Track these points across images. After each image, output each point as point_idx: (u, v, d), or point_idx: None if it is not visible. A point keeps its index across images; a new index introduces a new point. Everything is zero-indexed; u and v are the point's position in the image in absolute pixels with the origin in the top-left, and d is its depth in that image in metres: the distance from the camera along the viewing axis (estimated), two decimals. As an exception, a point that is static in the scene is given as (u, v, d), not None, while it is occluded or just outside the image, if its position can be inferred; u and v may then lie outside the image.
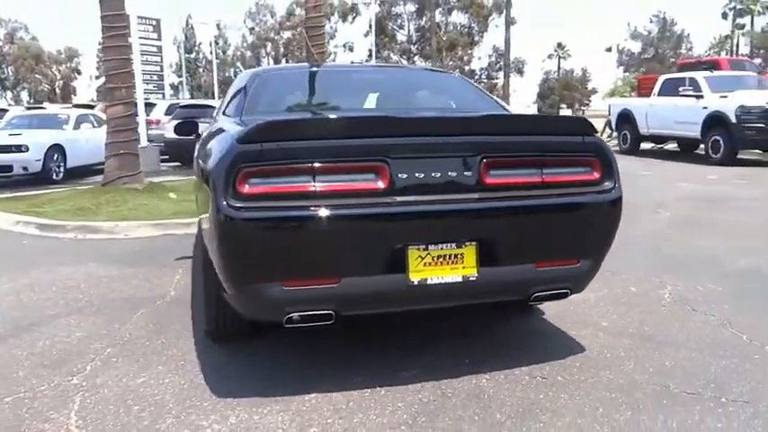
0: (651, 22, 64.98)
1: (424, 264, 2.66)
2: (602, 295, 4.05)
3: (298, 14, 62.66)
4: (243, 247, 2.56)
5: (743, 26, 62.45)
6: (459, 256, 2.69)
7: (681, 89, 14.50)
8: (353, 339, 3.37)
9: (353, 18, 61.32)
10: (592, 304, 3.90)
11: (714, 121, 13.35)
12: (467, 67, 59.05)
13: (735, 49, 59.56)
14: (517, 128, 3.04)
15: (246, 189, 2.52)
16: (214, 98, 39.91)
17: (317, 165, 2.57)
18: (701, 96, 14.02)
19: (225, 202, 2.50)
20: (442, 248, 2.68)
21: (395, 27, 62.35)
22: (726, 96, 13.51)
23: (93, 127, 13.50)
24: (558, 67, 66.93)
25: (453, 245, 2.69)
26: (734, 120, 12.89)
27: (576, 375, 2.90)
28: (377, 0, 50.72)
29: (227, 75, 64.38)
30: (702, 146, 13.99)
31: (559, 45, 66.67)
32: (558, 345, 3.30)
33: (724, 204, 7.76)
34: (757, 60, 31.20)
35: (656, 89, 16.09)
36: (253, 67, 66.57)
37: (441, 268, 2.68)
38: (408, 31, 62.59)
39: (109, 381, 2.94)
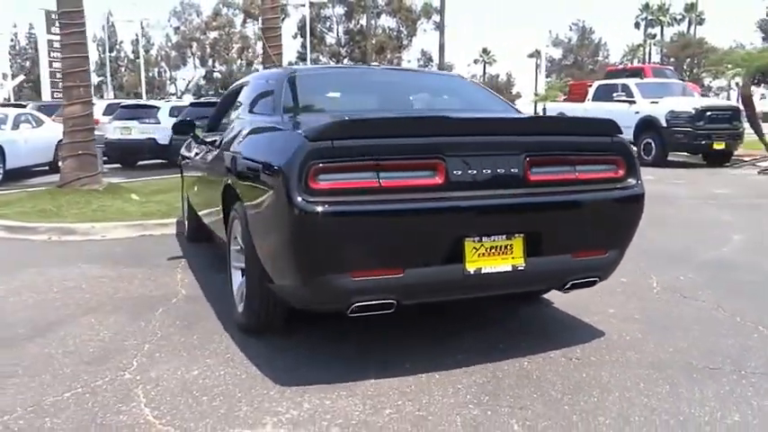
0: (571, 30, 67.68)
1: (479, 254, 2.86)
2: (597, 286, 4.34)
3: (224, 14, 61.76)
4: (316, 240, 2.68)
5: (654, 36, 65.94)
6: (508, 247, 2.90)
7: (615, 95, 15.34)
8: (386, 330, 3.51)
9: (282, 19, 60.88)
10: (592, 294, 4.15)
11: (646, 125, 14.23)
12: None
13: (648, 57, 62.79)
14: (556, 128, 3.29)
15: (317, 185, 2.64)
16: (142, 98, 38.95)
17: (381, 162, 2.72)
18: (634, 102, 14.89)
19: (298, 198, 2.61)
20: (494, 240, 2.88)
21: (324, 29, 62.38)
22: (656, 102, 14.42)
23: (33, 127, 13.00)
24: (484, 72, 68.76)
25: (504, 236, 2.90)
26: (664, 124, 13.80)
27: (607, 356, 3.16)
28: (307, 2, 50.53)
29: (150, 75, 62.58)
30: (635, 148, 14.84)
31: (485, 50, 68.54)
32: (578, 330, 3.56)
33: (671, 203, 8.32)
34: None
35: (591, 95, 16.94)
36: (179, 67, 65.06)
37: (493, 258, 2.88)
38: (337, 33, 62.76)
39: (164, 374, 2.98)
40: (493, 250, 2.88)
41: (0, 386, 2.87)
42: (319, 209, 2.62)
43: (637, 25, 67.05)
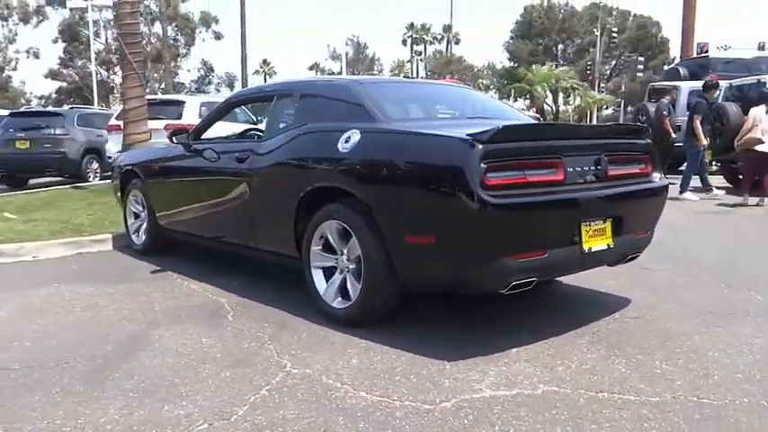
0: (347, 44, 70.71)
1: (589, 236, 3.50)
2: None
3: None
4: (493, 228, 3.11)
5: (420, 53, 71.64)
6: (604, 229, 3.59)
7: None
8: (462, 317, 3.99)
9: (38, 21, 55.45)
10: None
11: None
12: (175, 80, 57.48)
13: (417, 72, 68.04)
14: (619, 132, 4.04)
15: (489, 181, 3.09)
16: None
17: (527, 161, 3.26)
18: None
19: (480, 192, 3.04)
20: (597, 224, 3.54)
21: (89, 34, 57.76)
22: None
23: None
24: (265, 83, 68.96)
25: (601, 221, 3.57)
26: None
27: (651, 313, 3.96)
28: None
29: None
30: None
31: (265, 62, 68.81)
32: (610, 298, 4.31)
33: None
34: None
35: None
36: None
37: (596, 239, 3.54)
38: (106, 39, 58.52)
39: (330, 366, 3.15)
40: (596, 232, 3.54)
41: (189, 401, 2.85)
42: (496, 201, 3.06)
43: (404, 42, 72.16)
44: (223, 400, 2.80)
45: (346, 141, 3.66)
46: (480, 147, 3.09)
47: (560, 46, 63.78)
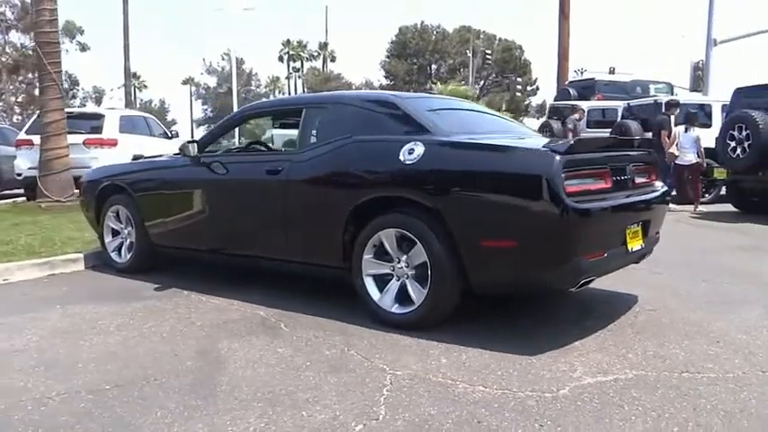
0: (223, 59, 69.35)
1: (630, 237, 3.91)
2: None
3: None
4: (574, 231, 3.42)
5: (298, 69, 71.73)
6: (638, 231, 4.02)
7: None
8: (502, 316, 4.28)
9: None
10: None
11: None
12: (36, 92, 53.56)
13: (294, 87, 68.04)
14: (638, 145, 4.48)
15: (567, 189, 3.41)
16: None
17: (589, 170, 3.61)
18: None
19: (564, 199, 3.34)
20: (635, 227, 3.97)
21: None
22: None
23: None
24: (135, 97, 65.95)
25: (637, 224, 4.00)
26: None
27: (664, 306, 4.43)
28: None
29: None
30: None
31: (134, 75, 65.84)
32: (617, 297, 4.74)
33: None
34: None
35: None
36: None
37: (635, 240, 3.96)
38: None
39: (426, 366, 3.30)
40: (634, 234, 3.96)
41: (321, 405, 2.91)
42: (577, 206, 3.38)
43: (281, 59, 71.90)
44: (354, 402, 2.88)
45: (410, 153, 3.83)
46: (560, 158, 3.39)
47: (434, 66, 66.30)
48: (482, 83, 65.32)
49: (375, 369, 3.28)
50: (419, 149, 3.81)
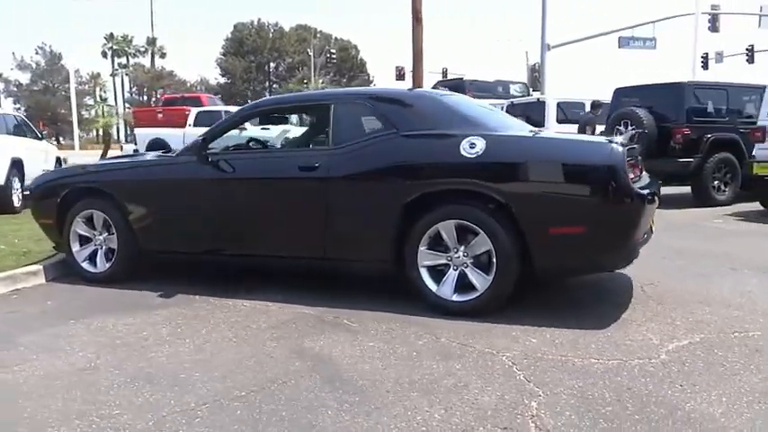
0: (38, 53, 63.40)
1: (651, 220, 4.41)
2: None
3: None
4: (639, 215, 3.82)
5: (125, 65, 67.51)
6: (652, 215, 4.53)
7: (226, 121, 16.66)
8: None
9: None
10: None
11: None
12: None
13: (121, 85, 63.99)
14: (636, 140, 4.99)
15: (629, 176, 3.81)
16: None
17: (631, 162, 4.03)
18: (245, 128, 16.50)
19: (630, 186, 3.74)
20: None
21: None
22: (268, 128, 16.43)
23: None
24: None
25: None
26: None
27: (661, 280, 4.99)
28: None
29: None
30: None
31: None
32: (613, 276, 5.20)
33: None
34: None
35: (191, 120, 17.89)
36: None
37: (652, 222, 4.47)
38: None
39: (519, 346, 3.54)
40: (651, 216, 4.46)
41: (484, 393, 3.03)
42: (641, 192, 3.80)
43: (104, 54, 67.19)
44: (501, 382, 3.05)
45: (471, 147, 4.01)
46: (623, 149, 3.78)
47: (272, 64, 65.71)
48: (321, 81, 65.99)
49: (482, 353, 3.44)
50: (480, 143, 4.01)
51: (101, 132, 37.12)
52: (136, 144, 18.62)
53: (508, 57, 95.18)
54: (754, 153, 8.91)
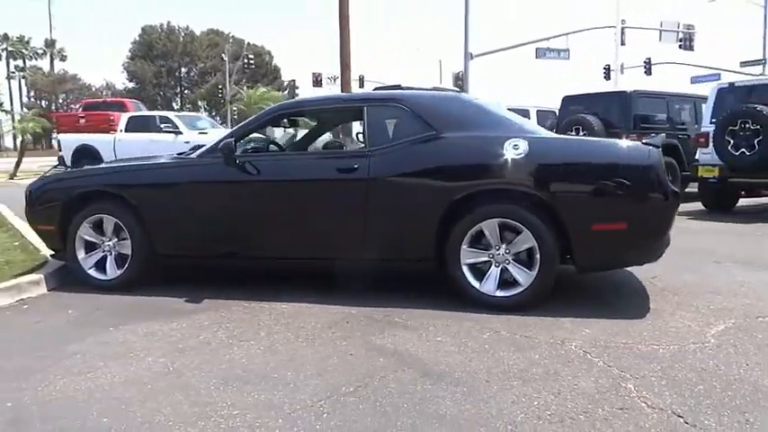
0: None
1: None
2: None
3: None
4: (674, 210, 4.14)
5: (23, 68, 63.87)
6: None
7: (162, 126, 16.14)
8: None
9: None
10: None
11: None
12: None
13: (19, 88, 60.47)
14: None
15: (666, 176, 4.14)
16: None
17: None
18: (180, 132, 16.08)
19: (668, 185, 4.05)
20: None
21: None
22: (205, 133, 16.08)
23: None
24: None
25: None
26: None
27: (661, 274, 5.38)
28: None
29: None
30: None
31: None
32: (614, 272, 5.60)
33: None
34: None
35: (122, 126, 17.22)
36: None
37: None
38: None
39: (579, 338, 3.75)
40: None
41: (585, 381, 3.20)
42: (676, 190, 4.11)
43: (-2, 57, 63.34)
44: (587, 369, 3.23)
45: (515, 148, 4.21)
46: (659, 151, 4.09)
47: (184, 69, 63.98)
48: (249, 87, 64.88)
49: (550, 343, 3.63)
50: (524, 145, 4.21)
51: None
52: (60, 150, 17.65)
53: (425, 65, 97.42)
54: (697, 157, 9.64)
